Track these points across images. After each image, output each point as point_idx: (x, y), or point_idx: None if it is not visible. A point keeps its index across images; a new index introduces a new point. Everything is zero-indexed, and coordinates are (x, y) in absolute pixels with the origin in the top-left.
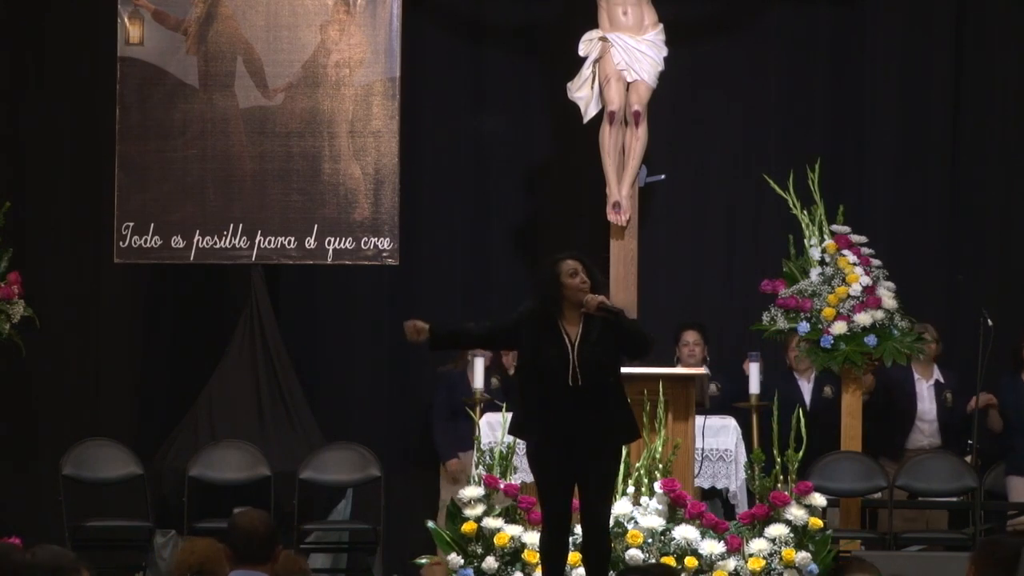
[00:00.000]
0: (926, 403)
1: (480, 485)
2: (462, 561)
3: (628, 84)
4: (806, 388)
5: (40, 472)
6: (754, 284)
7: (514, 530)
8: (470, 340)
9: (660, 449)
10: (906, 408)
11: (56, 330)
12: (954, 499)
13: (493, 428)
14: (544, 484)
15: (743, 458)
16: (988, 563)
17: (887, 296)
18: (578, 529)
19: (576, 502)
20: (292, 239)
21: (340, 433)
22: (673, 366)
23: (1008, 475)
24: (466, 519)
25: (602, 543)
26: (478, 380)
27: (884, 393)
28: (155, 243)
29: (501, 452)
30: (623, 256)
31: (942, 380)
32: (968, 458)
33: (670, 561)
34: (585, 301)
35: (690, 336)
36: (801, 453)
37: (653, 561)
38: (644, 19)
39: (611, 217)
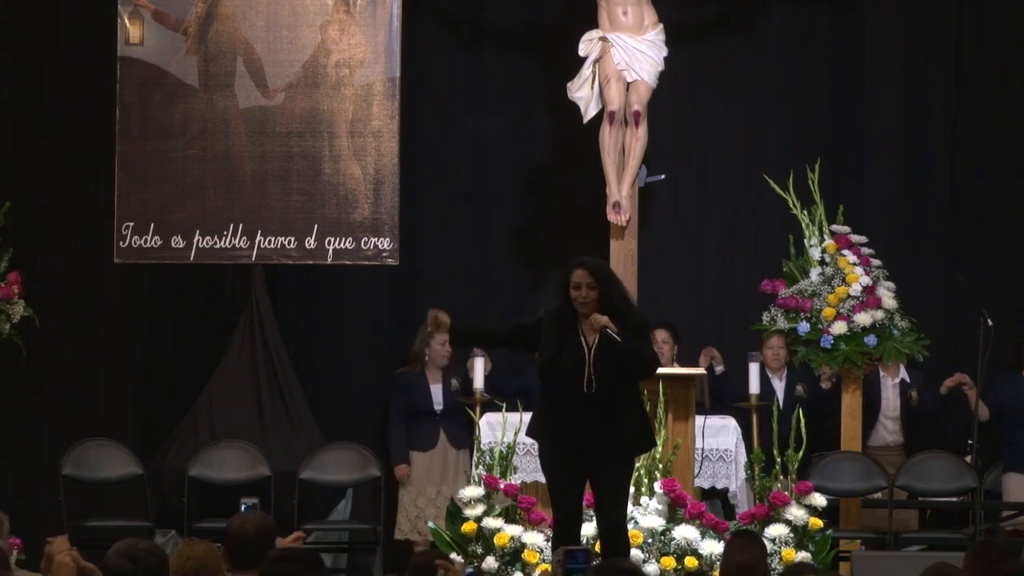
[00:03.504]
0: (890, 401)
1: (480, 485)
2: (462, 561)
3: (628, 84)
4: (779, 386)
5: (40, 472)
6: (754, 284)
7: (514, 530)
8: (491, 340)
9: (660, 449)
10: (870, 405)
11: (56, 330)
12: (954, 499)
13: (493, 428)
14: (555, 487)
15: (743, 458)
16: (976, 565)
17: (887, 296)
18: (589, 530)
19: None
20: (292, 239)
21: (340, 433)
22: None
23: (1006, 472)
24: (466, 519)
25: (618, 544)
26: (478, 380)
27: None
28: (155, 243)
29: (501, 452)
30: (623, 256)
31: (907, 379)
32: (968, 458)
33: (670, 561)
34: (591, 320)
35: (659, 335)
36: (801, 453)
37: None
38: (644, 19)
39: (611, 217)
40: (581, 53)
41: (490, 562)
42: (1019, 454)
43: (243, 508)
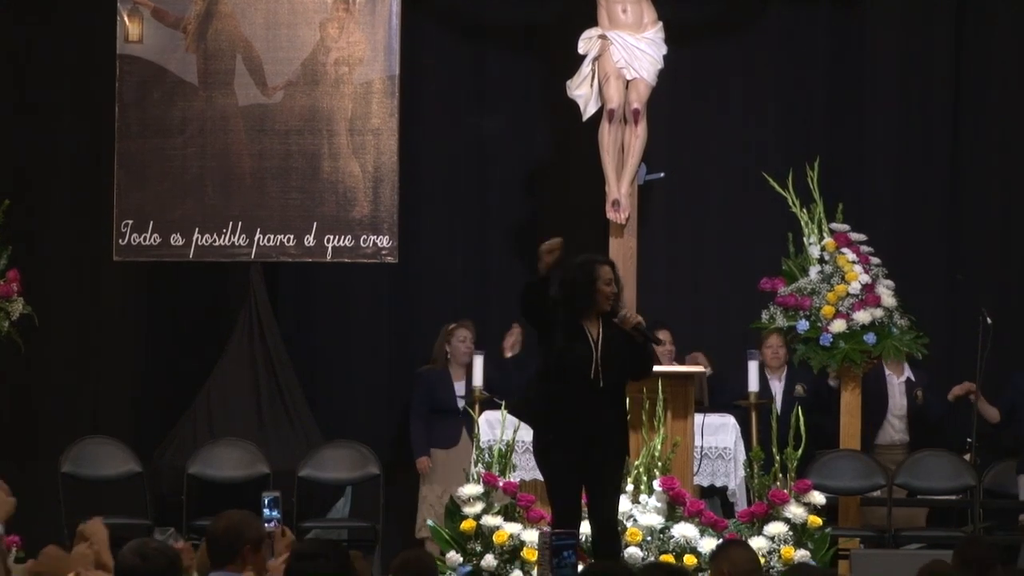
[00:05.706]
0: (897, 399)
1: (479, 483)
2: (461, 559)
3: (627, 82)
4: (777, 387)
5: (40, 471)
6: (753, 282)
7: (513, 528)
8: (544, 301)
9: (659, 447)
10: (877, 404)
11: (56, 328)
12: (953, 497)
13: (492, 426)
14: (554, 482)
15: (742, 456)
16: (963, 562)
17: (886, 294)
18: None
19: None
20: (291, 237)
21: (339, 431)
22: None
23: (1020, 474)
24: (465, 517)
25: (612, 541)
26: (477, 378)
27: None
28: (154, 241)
29: (500, 450)
30: (622, 254)
31: (912, 378)
32: (967, 456)
33: (669, 559)
34: (623, 316)
35: (663, 335)
36: (800, 451)
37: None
38: (644, 17)
39: (610, 215)
40: (580, 51)
41: (489, 560)
42: None
43: (265, 502)
